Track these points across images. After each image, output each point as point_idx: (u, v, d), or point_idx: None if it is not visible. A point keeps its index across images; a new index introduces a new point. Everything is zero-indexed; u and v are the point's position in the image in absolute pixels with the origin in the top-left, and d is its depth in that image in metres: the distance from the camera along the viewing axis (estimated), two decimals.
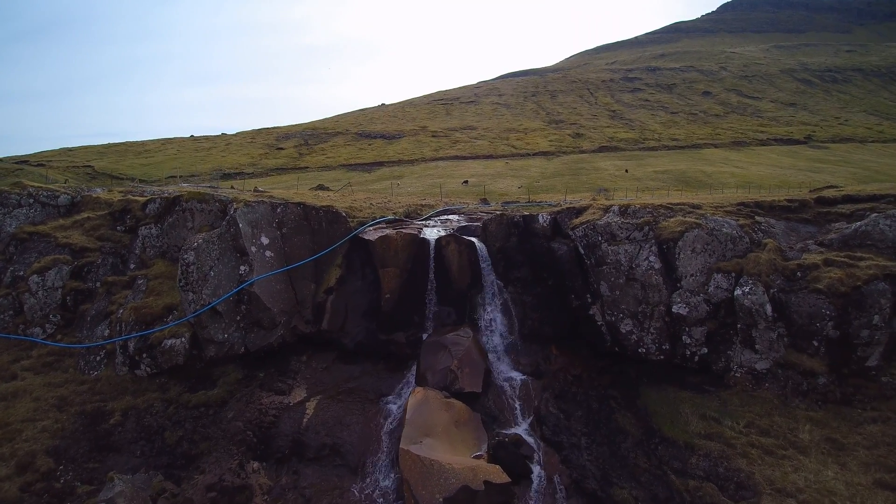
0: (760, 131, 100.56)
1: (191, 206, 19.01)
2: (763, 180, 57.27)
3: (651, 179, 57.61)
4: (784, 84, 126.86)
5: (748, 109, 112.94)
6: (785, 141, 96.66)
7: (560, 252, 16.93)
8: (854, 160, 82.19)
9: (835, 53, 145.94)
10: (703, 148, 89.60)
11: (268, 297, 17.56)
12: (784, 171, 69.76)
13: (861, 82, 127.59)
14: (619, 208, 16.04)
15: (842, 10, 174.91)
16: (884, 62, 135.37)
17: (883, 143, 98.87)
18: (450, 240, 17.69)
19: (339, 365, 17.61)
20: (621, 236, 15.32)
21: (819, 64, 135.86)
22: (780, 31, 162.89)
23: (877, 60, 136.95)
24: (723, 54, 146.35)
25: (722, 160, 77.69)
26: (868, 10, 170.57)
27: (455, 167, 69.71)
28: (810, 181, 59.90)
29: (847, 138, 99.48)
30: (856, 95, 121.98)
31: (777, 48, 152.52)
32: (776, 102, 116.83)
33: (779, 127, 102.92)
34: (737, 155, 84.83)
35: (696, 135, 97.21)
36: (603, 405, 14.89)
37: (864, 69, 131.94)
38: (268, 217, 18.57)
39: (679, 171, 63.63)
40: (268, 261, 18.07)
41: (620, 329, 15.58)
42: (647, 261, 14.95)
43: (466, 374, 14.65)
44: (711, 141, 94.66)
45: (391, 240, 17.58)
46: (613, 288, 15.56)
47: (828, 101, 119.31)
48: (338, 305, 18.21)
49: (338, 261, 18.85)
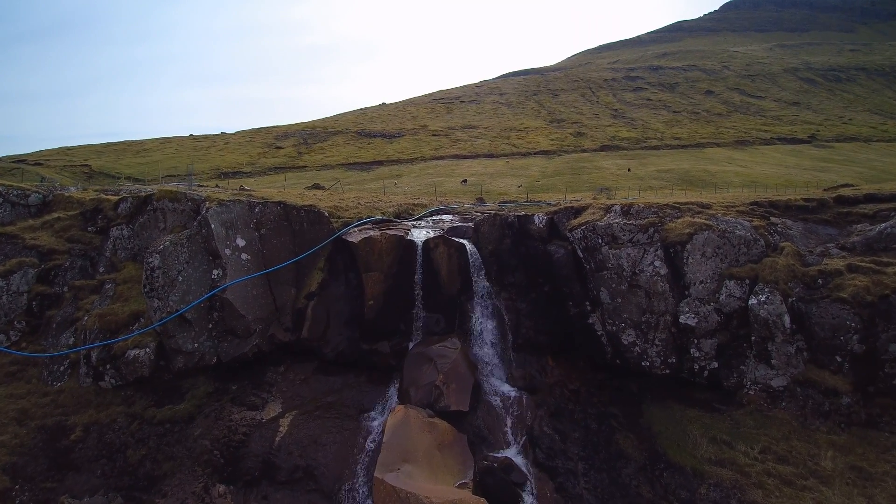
0: (764, 130, 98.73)
1: (162, 205, 17.61)
2: (768, 179, 55.61)
3: (654, 178, 55.99)
4: (787, 83, 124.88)
5: (751, 108, 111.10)
6: (789, 140, 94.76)
7: (557, 255, 15.47)
8: (859, 159, 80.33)
9: (838, 52, 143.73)
10: (707, 147, 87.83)
11: (242, 304, 16.16)
12: (789, 170, 68.04)
13: (865, 81, 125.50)
14: (621, 208, 14.56)
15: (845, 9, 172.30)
16: (888, 61, 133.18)
17: (887, 143, 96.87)
18: (438, 242, 16.25)
19: (318, 376, 16.19)
20: (624, 239, 13.85)
21: (822, 63, 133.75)
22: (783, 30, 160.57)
23: (881, 60, 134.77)
24: (725, 53, 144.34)
25: (726, 159, 75.99)
26: (871, 9, 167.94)
27: (455, 166, 68.25)
28: (817, 180, 58.17)
29: (851, 137, 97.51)
30: (859, 95, 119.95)
31: (780, 47, 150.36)
32: (779, 101, 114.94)
33: (782, 126, 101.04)
34: (740, 154, 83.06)
35: (699, 134, 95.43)
36: (603, 425, 13.42)
37: (867, 68, 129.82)
38: (244, 217, 17.15)
39: (682, 170, 61.98)
40: (244, 264, 16.66)
41: (622, 340, 14.12)
42: (651, 266, 13.48)
43: (453, 390, 13.21)
44: (714, 140, 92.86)
45: (375, 242, 16.15)
46: (615, 295, 14.10)
47: (831, 100, 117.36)
48: (319, 312, 16.79)
49: (320, 264, 17.43)
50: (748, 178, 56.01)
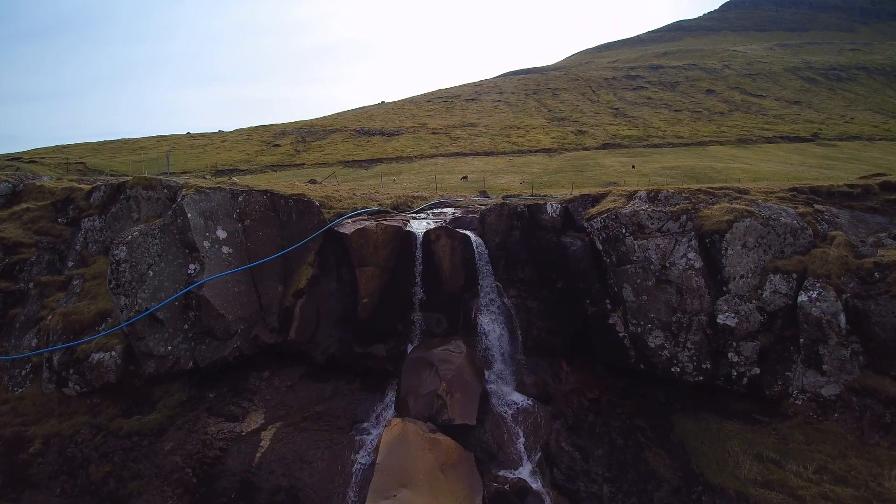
0: (766, 129, 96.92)
1: (135, 193, 15.81)
2: (776, 176, 53.67)
3: (659, 175, 54.09)
4: (788, 82, 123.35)
5: (753, 107, 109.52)
6: (792, 139, 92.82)
7: (573, 248, 13.70)
8: (864, 158, 78.46)
9: (839, 52, 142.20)
10: (709, 145, 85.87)
11: (222, 302, 14.38)
12: (795, 167, 66.13)
13: (866, 81, 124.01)
14: (647, 194, 12.79)
15: (845, 8, 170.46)
16: (888, 61, 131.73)
17: (891, 141, 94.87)
18: (440, 233, 14.48)
19: (306, 383, 14.41)
20: (651, 228, 12.08)
21: (823, 62, 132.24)
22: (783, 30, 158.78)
23: (881, 59, 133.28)
24: (726, 52, 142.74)
25: (729, 157, 74.10)
26: (872, 9, 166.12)
27: (455, 163, 66.41)
28: (825, 177, 56.40)
29: (854, 136, 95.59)
30: (861, 94, 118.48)
31: (780, 46, 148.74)
32: (781, 100, 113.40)
33: (784, 125, 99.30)
34: (744, 152, 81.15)
35: (701, 132, 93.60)
36: (629, 440, 11.65)
37: (868, 68, 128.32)
38: (226, 207, 15.38)
39: (688, 167, 60.08)
40: (224, 258, 14.88)
41: (648, 343, 12.36)
42: (684, 258, 11.72)
43: (457, 400, 11.44)
44: (717, 138, 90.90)
45: (370, 233, 14.38)
46: (640, 292, 12.33)
47: (833, 99, 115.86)
48: (308, 311, 15.02)
49: (309, 258, 15.65)
50: (755, 175, 54.11)
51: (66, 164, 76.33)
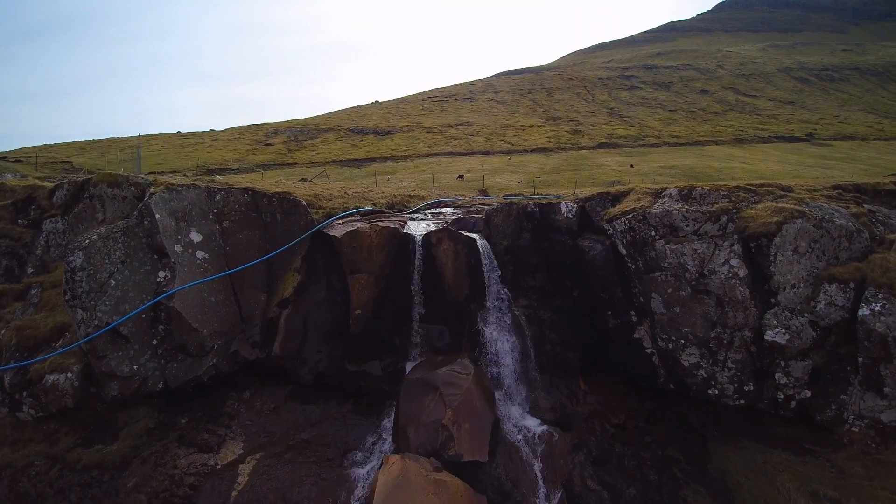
0: (761, 129, 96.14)
1: (100, 191, 14.01)
2: (777, 175, 52.40)
3: (658, 174, 52.75)
4: (782, 82, 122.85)
5: (747, 107, 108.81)
6: (787, 138, 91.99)
7: (591, 253, 12.08)
8: (860, 157, 77.63)
9: (831, 52, 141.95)
10: (705, 145, 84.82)
11: (196, 314, 12.63)
12: (793, 167, 65.09)
13: (858, 81, 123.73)
14: (678, 191, 11.18)
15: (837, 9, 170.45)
16: (880, 61, 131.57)
17: (885, 141, 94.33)
18: (442, 236, 12.81)
19: (292, 405, 12.69)
20: (687, 230, 10.48)
21: (816, 63, 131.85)
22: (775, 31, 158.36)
23: (873, 60, 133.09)
24: (719, 53, 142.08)
25: (726, 156, 73.04)
26: (863, 10, 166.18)
27: (450, 163, 64.77)
28: (826, 177, 55.27)
29: (849, 136, 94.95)
30: (854, 94, 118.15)
31: (773, 47, 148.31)
32: (775, 101, 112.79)
33: (779, 124, 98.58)
34: (740, 152, 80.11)
35: (697, 132, 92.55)
36: (664, 475, 10.03)
37: (861, 68, 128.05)
38: (201, 206, 13.63)
39: (687, 166, 58.86)
40: (199, 264, 13.14)
41: (681, 361, 10.76)
42: (726, 265, 10.13)
43: (466, 432, 9.78)
44: (712, 138, 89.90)
45: (363, 236, 12.68)
46: (672, 303, 10.73)
47: (826, 99, 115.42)
48: (294, 323, 13.31)
49: (296, 264, 13.93)
50: (756, 174, 52.83)
51: (52, 163, 73.89)
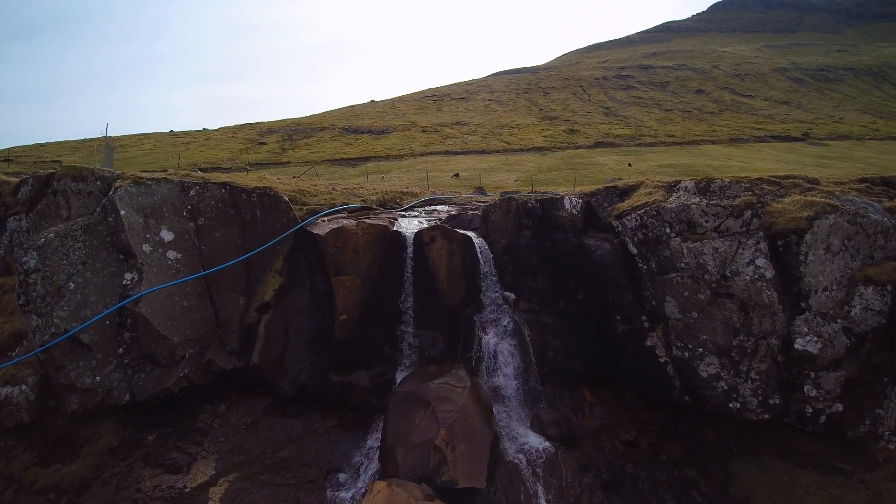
0: (757, 128, 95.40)
1: (64, 186, 12.83)
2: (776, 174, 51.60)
3: (656, 173, 51.71)
4: (777, 83, 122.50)
5: (742, 107, 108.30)
6: (783, 138, 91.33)
7: (598, 252, 11.01)
8: (857, 157, 77.01)
9: (825, 53, 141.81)
10: (701, 144, 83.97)
11: (165, 320, 11.48)
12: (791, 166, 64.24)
13: (853, 81, 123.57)
14: (695, 184, 10.11)
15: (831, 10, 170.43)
16: (874, 62, 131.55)
17: (880, 141, 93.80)
18: (435, 234, 11.70)
19: (271, 419, 11.55)
20: (706, 226, 9.42)
21: (810, 63, 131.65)
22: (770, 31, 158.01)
23: (868, 60, 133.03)
24: (714, 53, 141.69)
25: (723, 156, 72.24)
26: (857, 10, 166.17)
27: (446, 161, 63.68)
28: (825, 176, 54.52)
29: (844, 136, 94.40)
30: (848, 94, 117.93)
31: (768, 47, 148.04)
32: (770, 101, 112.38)
33: (775, 124, 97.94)
34: (737, 151, 79.35)
35: (693, 131, 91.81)
36: (682, 499, 8.96)
37: (855, 68, 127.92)
38: (174, 202, 12.48)
39: (684, 164, 57.92)
40: (170, 265, 11.99)
41: (699, 371, 9.70)
42: (751, 266, 9.08)
43: (461, 454, 8.68)
44: (709, 137, 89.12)
45: (348, 234, 11.55)
46: (688, 307, 9.67)
47: (821, 99, 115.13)
48: (275, 329, 12.18)
49: (277, 265, 12.79)
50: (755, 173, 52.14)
51: (41, 161, 72.29)
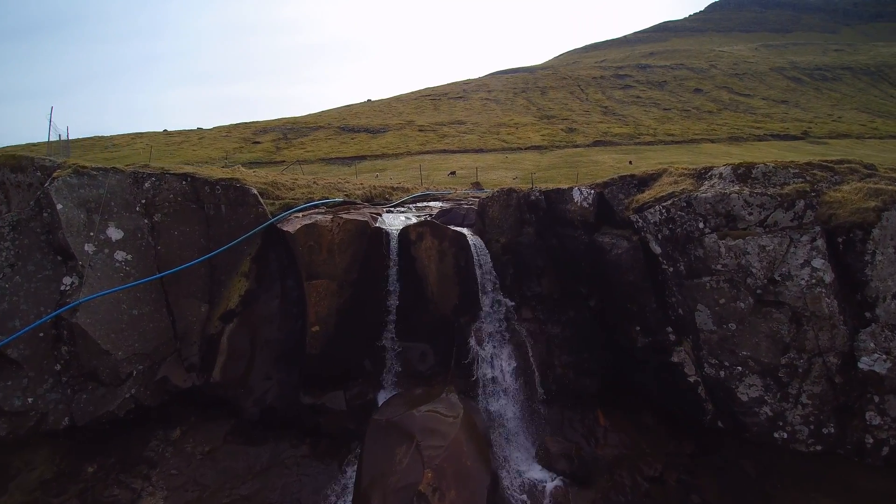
0: (756, 127, 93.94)
1: (2, 177, 11.11)
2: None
3: None
4: (774, 82, 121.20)
5: (741, 106, 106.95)
6: (782, 137, 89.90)
7: (614, 252, 9.32)
8: (858, 155, 75.69)
9: (823, 52, 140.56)
10: (700, 143, 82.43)
11: (107, 332, 9.75)
12: None
13: (851, 80, 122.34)
14: (731, 169, 8.38)
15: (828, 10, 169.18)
16: (872, 61, 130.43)
17: (880, 140, 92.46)
18: (424, 231, 10.00)
19: (232, 447, 9.83)
20: (750, 220, 7.73)
21: (808, 62, 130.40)
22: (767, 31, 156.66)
23: (865, 59, 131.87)
24: (712, 52, 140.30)
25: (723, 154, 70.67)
26: (854, 10, 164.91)
27: (443, 160, 61.98)
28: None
29: (843, 134, 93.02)
30: (846, 93, 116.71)
31: (765, 47, 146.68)
32: (768, 100, 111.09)
33: (774, 123, 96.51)
34: (737, 149, 77.80)
35: (692, 130, 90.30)
36: None
37: (853, 68, 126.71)
38: (124, 196, 10.76)
39: (686, 162, 56.29)
40: (118, 267, 10.27)
41: (737, 394, 8.01)
42: (807, 268, 7.41)
43: (451, 501, 6.99)
44: (708, 136, 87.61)
45: (322, 231, 9.84)
46: (725, 317, 7.99)
47: (819, 98, 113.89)
48: (240, 341, 10.47)
49: (244, 267, 11.08)
50: None
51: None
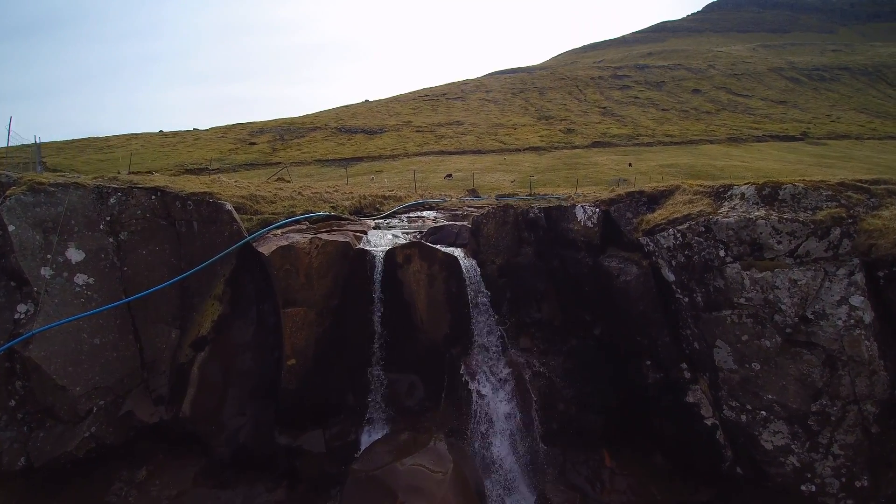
0: (755, 128, 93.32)
1: None
2: (780, 174, 48.97)
3: (658, 173, 49.18)
4: (773, 82, 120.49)
5: (739, 107, 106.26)
6: (781, 137, 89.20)
7: (623, 278, 8.40)
8: (857, 156, 74.77)
9: (821, 53, 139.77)
10: (700, 144, 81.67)
11: (63, 365, 8.81)
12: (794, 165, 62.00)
13: (849, 81, 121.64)
14: (756, 190, 7.39)
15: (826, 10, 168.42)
16: (870, 61, 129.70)
17: (879, 140, 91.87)
18: (411, 253, 9.06)
19: (203, 490, 8.89)
20: (779, 249, 6.78)
21: (806, 63, 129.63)
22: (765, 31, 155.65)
23: (863, 60, 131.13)
24: (710, 53, 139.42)
25: (723, 155, 69.96)
26: (851, 11, 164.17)
27: (440, 162, 61.06)
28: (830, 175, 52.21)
29: (843, 135, 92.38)
30: (844, 94, 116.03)
31: (763, 47, 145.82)
32: (767, 100, 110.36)
33: (773, 124, 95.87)
34: (736, 150, 77.05)
35: (691, 131, 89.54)
36: None
37: (851, 68, 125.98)
38: (87, 213, 9.79)
39: (686, 164, 55.46)
40: (79, 292, 9.31)
41: (761, 441, 7.10)
42: (845, 306, 6.49)
43: None
44: (707, 137, 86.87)
45: (299, 254, 8.89)
46: (748, 356, 7.08)
47: (817, 99, 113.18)
48: (212, 372, 9.52)
49: (217, 289, 10.13)
50: (760, 173, 49.56)
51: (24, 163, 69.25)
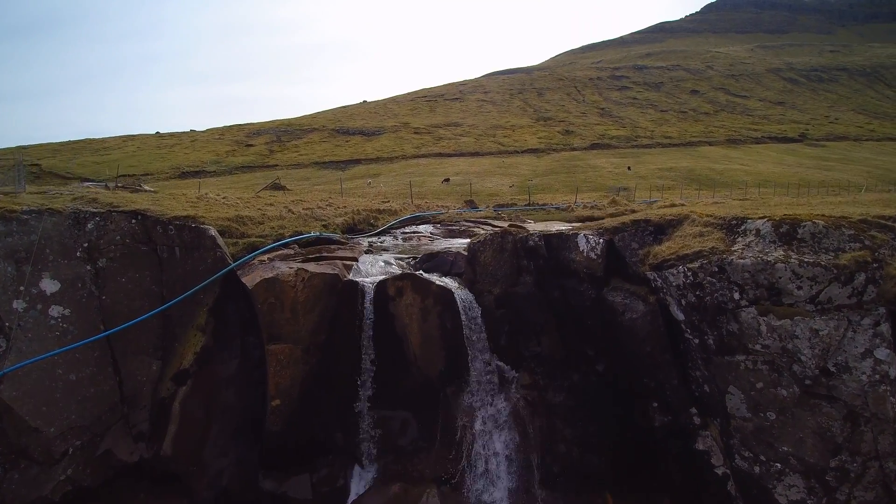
0: (754, 129, 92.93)
1: None
2: (781, 178, 48.72)
3: (658, 177, 48.69)
4: (771, 83, 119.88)
5: (738, 108, 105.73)
6: (780, 139, 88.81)
7: (629, 315, 7.89)
8: (856, 158, 74.51)
9: (819, 53, 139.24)
10: (699, 146, 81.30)
11: (37, 405, 8.29)
12: (793, 168, 61.66)
13: (847, 81, 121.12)
14: (772, 227, 6.82)
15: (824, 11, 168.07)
16: (868, 62, 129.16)
17: (877, 142, 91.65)
18: (404, 286, 8.55)
19: None
20: (799, 295, 6.26)
21: (804, 63, 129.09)
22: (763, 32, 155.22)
23: (861, 60, 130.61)
24: (708, 54, 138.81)
25: (722, 157, 69.54)
26: (849, 11, 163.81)
27: (438, 164, 60.46)
28: (830, 179, 51.71)
29: (841, 136, 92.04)
30: (843, 94, 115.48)
31: (761, 48, 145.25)
32: (765, 101, 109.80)
33: (771, 125, 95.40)
34: (736, 152, 76.69)
35: (689, 132, 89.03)
36: None
37: (849, 69, 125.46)
38: (62, 240, 9.26)
39: (685, 168, 55.06)
40: (54, 325, 8.79)
41: (775, 495, 6.61)
42: (869, 359, 5.98)
43: None
44: (705, 138, 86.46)
45: (284, 287, 8.36)
46: (763, 405, 6.59)
47: (815, 99, 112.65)
48: (194, 409, 9.00)
49: (200, 319, 9.59)
50: (760, 177, 49.24)
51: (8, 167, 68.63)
